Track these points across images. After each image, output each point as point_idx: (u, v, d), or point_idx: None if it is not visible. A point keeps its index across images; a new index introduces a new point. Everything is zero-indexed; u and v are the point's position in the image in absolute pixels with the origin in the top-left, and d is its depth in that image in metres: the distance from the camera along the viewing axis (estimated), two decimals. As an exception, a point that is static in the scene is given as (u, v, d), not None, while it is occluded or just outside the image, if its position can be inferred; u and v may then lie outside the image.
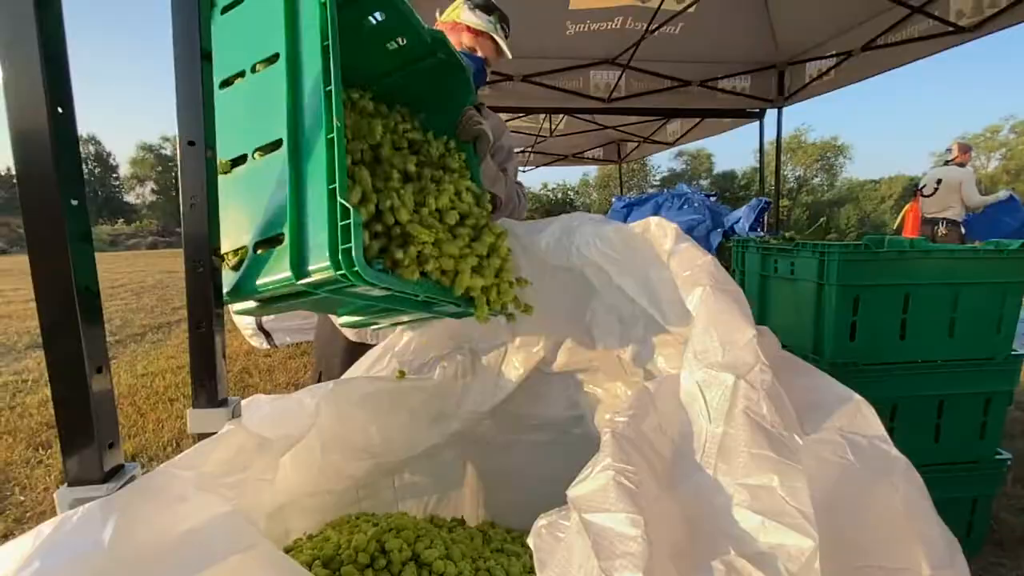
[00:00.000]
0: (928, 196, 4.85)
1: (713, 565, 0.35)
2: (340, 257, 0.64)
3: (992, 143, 35.13)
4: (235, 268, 0.74)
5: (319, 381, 1.26)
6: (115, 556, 0.47)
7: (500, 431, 1.12)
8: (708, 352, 0.50)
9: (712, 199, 3.63)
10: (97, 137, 42.69)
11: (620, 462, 0.42)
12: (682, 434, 0.47)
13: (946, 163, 4.99)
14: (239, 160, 0.75)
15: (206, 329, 0.69)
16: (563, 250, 0.91)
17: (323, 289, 0.69)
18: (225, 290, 0.72)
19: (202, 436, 0.68)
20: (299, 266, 0.67)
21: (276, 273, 0.69)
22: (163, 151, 41.75)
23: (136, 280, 9.16)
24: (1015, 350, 1.48)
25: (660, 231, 0.72)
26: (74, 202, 0.47)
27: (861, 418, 0.46)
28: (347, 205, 0.63)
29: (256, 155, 0.73)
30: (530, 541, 0.44)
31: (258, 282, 0.71)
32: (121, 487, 0.52)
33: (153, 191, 42.41)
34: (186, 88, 0.63)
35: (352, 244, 0.63)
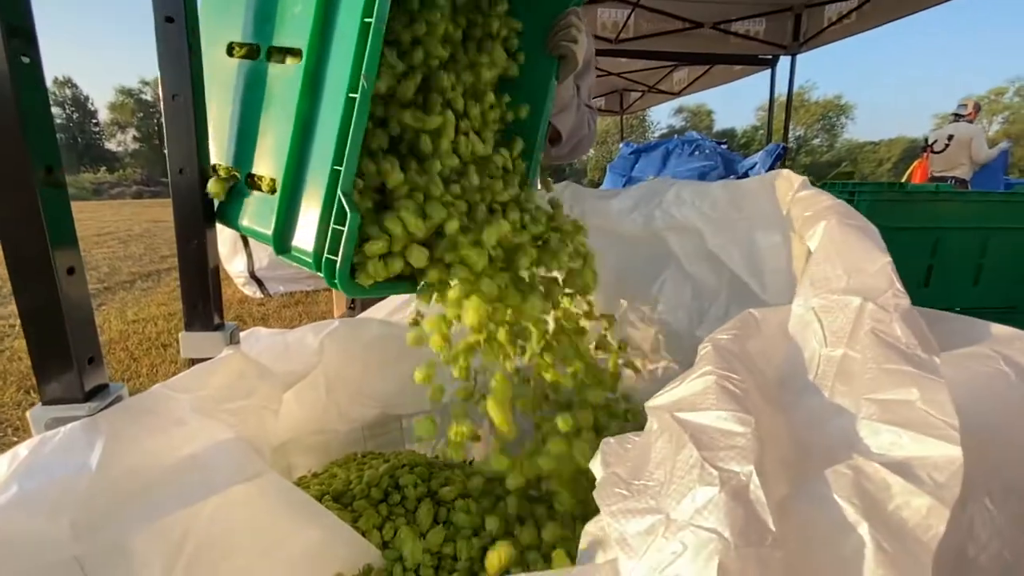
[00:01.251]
0: (938, 152, 4.72)
1: (837, 470, 0.30)
2: (323, 263, 0.53)
3: (996, 106, 34.55)
4: (217, 188, 0.64)
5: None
6: (104, 480, 0.41)
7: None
8: (829, 280, 0.43)
9: (723, 146, 3.50)
10: (73, 80, 40.71)
11: (723, 370, 0.37)
12: (789, 358, 0.41)
13: (956, 117, 4.83)
14: (252, 52, 0.62)
15: (197, 244, 0.61)
16: (640, 215, 0.83)
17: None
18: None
19: (196, 363, 0.62)
20: (282, 236, 0.57)
21: (260, 225, 0.60)
22: (143, 96, 40.07)
23: (123, 228, 8.91)
24: (1037, 300, 1.44)
25: (785, 184, 0.64)
26: (25, 59, 0.38)
27: (1021, 343, 0.39)
28: (345, 207, 0.50)
29: (271, 57, 0.59)
30: (601, 447, 0.40)
31: (242, 222, 0.62)
32: (105, 408, 0.45)
33: (135, 138, 41.00)
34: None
35: (339, 258, 0.52)
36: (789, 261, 0.65)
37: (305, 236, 0.55)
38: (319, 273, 0.54)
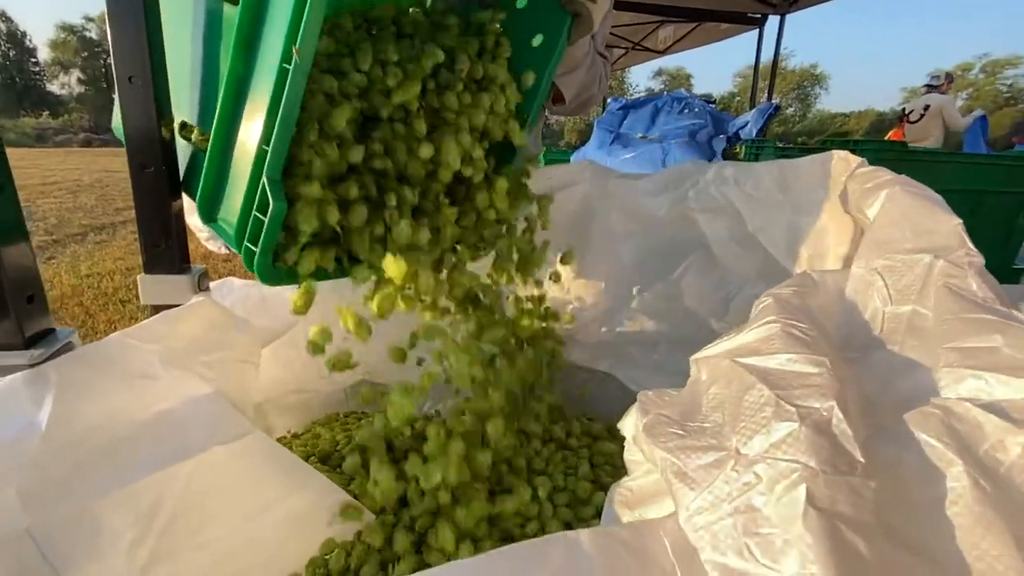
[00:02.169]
0: (914, 122, 4.79)
1: (923, 410, 0.28)
2: (243, 249, 0.47)
3: (962, 81, 35.34)
4: None
5: None
6: (57, 440, 0.34)
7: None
8: (894, 241, 0.40)
9: (711, 105, 3.43)
10: (7, 13, 36.99)
11: (788, 319, 0.33)
12: (850, 318, 0.38)
13: (929, 88, 4.88)
14: None
15: (154, 170, 0.52)
16: (669, 197, 0.77)
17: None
18: None
19: (159, 310, 0.54)
20: (209, 204, 0.50)
21: (191, 186, 0.53)
22: (88, 34, 36.87)
23: (71, 178, 8.30)
24: (1016, 265, 1.47)
25: (841, 164, 0.58)
26: None
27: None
28: (269, 195, 0.43)
29: None
30: (639, 398, 0.36)
31: (182, 180, 0.55)
32: (52, 356, 0.38)
33: (80, 80, 37.94)
34: None
35: (258, 249, 0.45)
36: (837, 246, 0.61)
37: (229, 209, 0.48)
38: (240, 254, 0.48)
